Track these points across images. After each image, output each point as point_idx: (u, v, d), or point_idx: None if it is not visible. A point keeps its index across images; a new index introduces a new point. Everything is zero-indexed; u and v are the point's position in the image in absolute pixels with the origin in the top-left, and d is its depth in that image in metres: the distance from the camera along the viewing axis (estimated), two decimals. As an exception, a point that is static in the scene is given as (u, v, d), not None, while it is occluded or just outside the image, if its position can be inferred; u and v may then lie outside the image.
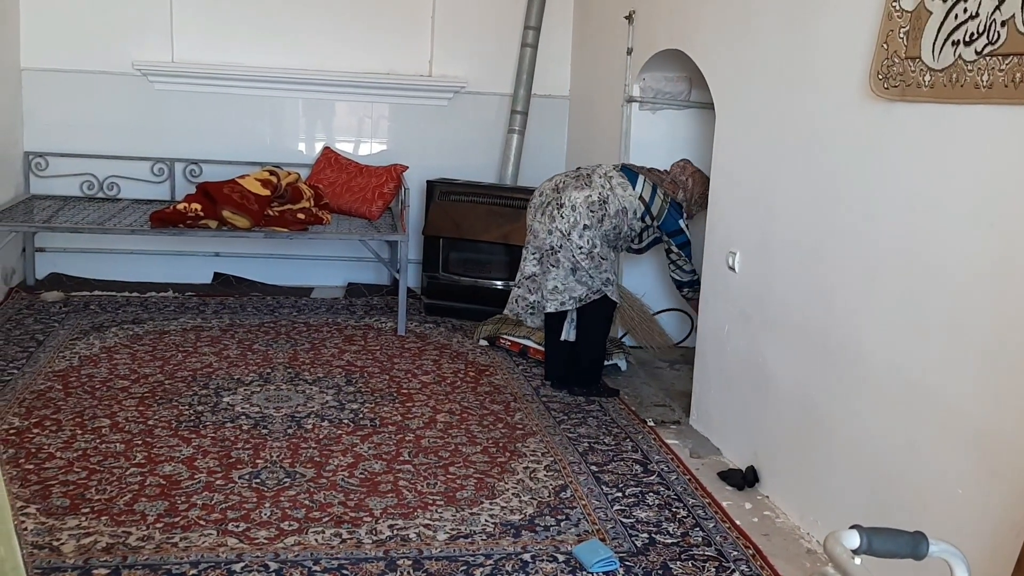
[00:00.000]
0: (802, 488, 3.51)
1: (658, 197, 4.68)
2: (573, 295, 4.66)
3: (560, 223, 4.58)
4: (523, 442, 4.12)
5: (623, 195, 4.62)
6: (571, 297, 4.66)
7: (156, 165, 6.44)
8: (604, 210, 4.58)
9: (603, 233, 4.60)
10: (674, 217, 4.71)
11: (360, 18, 6.51)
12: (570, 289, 4.65)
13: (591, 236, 4.57)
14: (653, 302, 5.59)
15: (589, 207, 4.57)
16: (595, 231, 4.58)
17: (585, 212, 4.56)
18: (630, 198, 4.63)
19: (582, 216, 4.56)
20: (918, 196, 2.80)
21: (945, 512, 2.66)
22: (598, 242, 4.59)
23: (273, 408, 4.34)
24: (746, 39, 3.95)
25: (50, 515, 3.22)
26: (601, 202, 4.58)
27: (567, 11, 6.73)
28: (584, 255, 4.57)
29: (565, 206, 4.58)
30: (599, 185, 4.63)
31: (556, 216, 4.60)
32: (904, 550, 1.39)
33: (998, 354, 2.47)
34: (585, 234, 4.56)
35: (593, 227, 4.57)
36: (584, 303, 4.68)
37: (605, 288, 4.66)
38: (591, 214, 4.56)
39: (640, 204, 4.64)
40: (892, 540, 1.39)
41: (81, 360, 4.85)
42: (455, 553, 3.14)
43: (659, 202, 4.68)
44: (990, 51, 2.46)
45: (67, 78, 6.23)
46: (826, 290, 3.30)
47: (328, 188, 6.27)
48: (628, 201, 4.62)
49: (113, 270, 6.46)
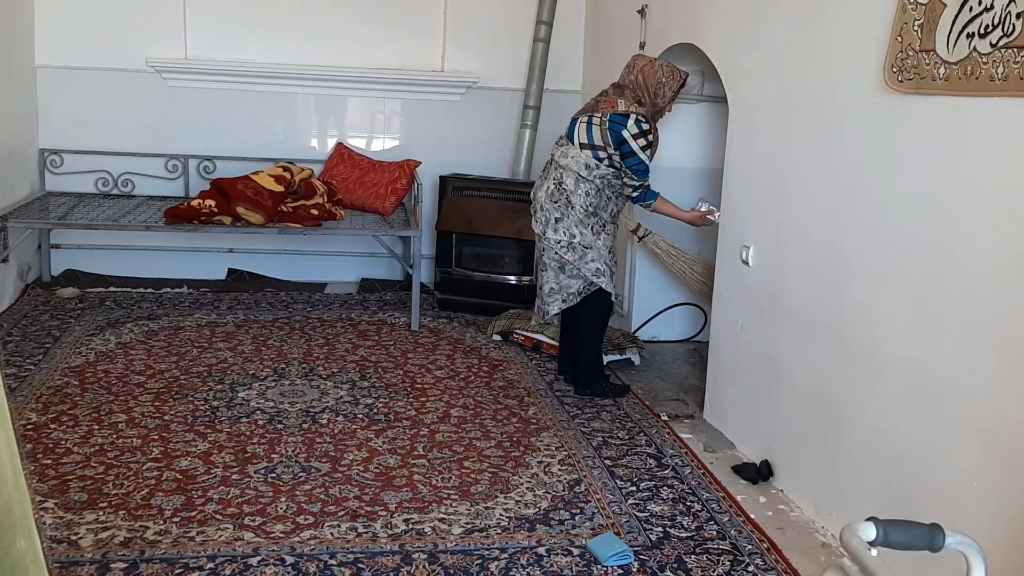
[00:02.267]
0: (817, 482, 3.51)
1: (595, 127, 4.38)
2: (570, 291, 4.59)
3: (537, 227, 4.58)
4: (537, 436, 4.13)
5: (568, 162, 4.42)
6: (569, 294, 4.59)
7: (170, 162, 6.47)
8: (564, 192, 4.43)
9: (579, 217, 4.44)
10: (617, 130, 4.32)
11: (372, 14, 6.52)
12: (565, 287, 4.58)
13: (566, 227, 4.46)
14: (663, 297, 5.59)
15: (551, 199, 4.48)
16: (569, 219, 4.45)
17: (551, 206, 4.48)
18: (575, 159, 4.40)
19: (550, 212, 4.49)
20: (933, 189, 2.79)
21: (960, 505, 2.66)
22: (576, 231, 4.45)
23: (288, 403, 4.36)
24: (759, 33, 3.94)
25: (68, 509, 3.24)
26: (558, 186, 4.46)
27: (579, 5, 6.72)
28: (565, 248, 4.48)
29: (537, 209, 4.57)
30: (551, 170, 4.51)
31: (533, 221, 4.61)
32: (920, 542, 1.39)
33: (1014, 347, 2.46)
34: (559, 227, 4.47)
35: (565, 216, 4.45)
36: (585, 294, 4.59)
37: (596, 279, 4.53)
38: (555, 204, 4.47)
39: (586, 153, 4.39)
40: (908, 532, 1.39)
41: (97, 356, 4.88)
42: (470, 547, 3.15)
43: (597, 131, 4.37)
44: (1005, 43, 2.45)
45: (81, 75, 6.26)
46: (841, 284, 3.30)
47: (341, 184, 6.29)
48: (575, 163, 4.40)
49: (128, 266, 6.49)
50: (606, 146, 4.36)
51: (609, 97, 4.44)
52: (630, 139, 4.32)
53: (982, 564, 1.38)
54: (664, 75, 4.38)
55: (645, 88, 4.39)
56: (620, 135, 4.32)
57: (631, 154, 4.34)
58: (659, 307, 5.61)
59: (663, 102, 4.43)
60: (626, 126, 4.31)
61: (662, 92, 4.40)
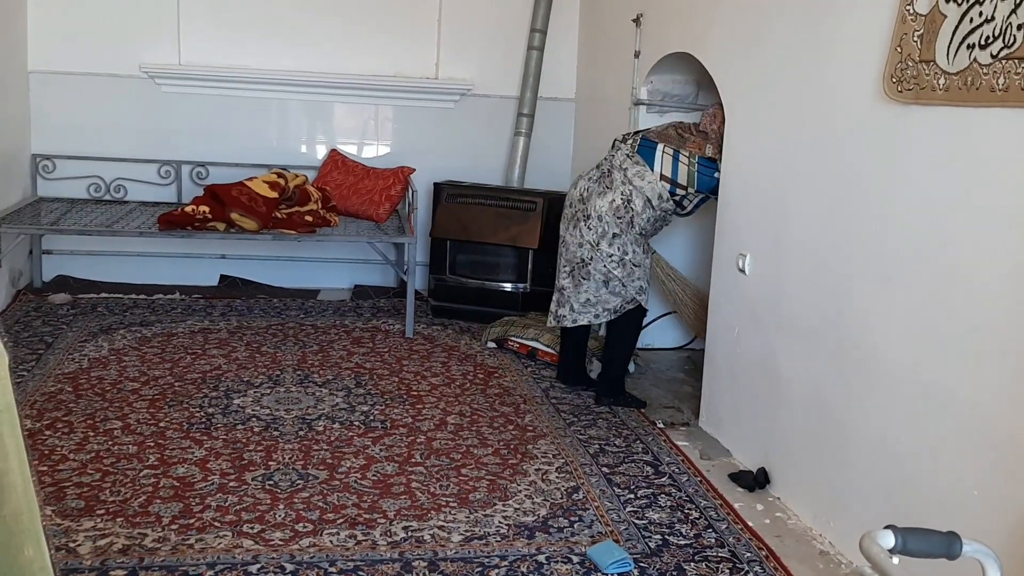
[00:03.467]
0: (815, 489, 3.52)
1: (682, 164, 4.44)
2: (607, 307, 4.58)
3: (589, 235, 4.50)
4: (534, 444, 4.13)
5: (644, 184, 4.43)
6: (604, 309, 4.59)
7: (163, 167, 6.45)
8: (631, 211, 4.45)
9: (635, 236, 4.50)
10: (707, 175, 4.41)
11: (367, 20, 6.53)
12: (603, 301, 4.58)
13: (622, 243, 4.47)
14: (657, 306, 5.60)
15: (615, 213, 4.45)
16: (626, 236, 4.47)
17: (612, 220, 4.45)
18: (651, 184, 4.43)
19: (610, 225, 4.46)
20: (934, 198, 2.81)
21: (961, 513, 2.67)
22: (629, 248, 4.49)
23: (284, 410, 4.35)
24: (758, 42, 3.96)
25: (65, 516, 3.23)
26: (625, 203, 4.44)
27: (573, 14, 6.74)
28: (616, 263, 4.48)
29: (592, 217, 4.49)
30: (619, 184, 4.47)
31: (584, 228, 4.52)
32: (938, 550, 1.40)
33: (1017, 355, 2.48)
34: (615, 242, 4.47)
35: (624, 233, 4.47)
36: (619, 314, 4.61)
37: (639, 297, 4.57)
38: (618, 220, 4.45)
39: (664, 184, 4.44)
40: (926, 540, 1.40)
41: (90, 362, 4.86)
42: (470, 554, 3.15)
43: (684, 169, 4.44)
44: (1006, 54, 2.47)
45: (74, 81, 6.24)
46: (840, 292, 3.31)
47: (335, 190, 6.28)
48: (650, 189, 4.43)
49: (119, 272, 6.46)
50: (688, 186, 4.45)
51: (696, 139, 4.51)
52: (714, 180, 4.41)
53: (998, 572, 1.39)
54: None
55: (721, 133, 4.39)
56: (712, 180, 4.40)
57: (711, 185, 4.43)
58: (653, 315, 5.61)
59: None
60: (717, 170, 4.37)
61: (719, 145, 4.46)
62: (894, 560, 1.34)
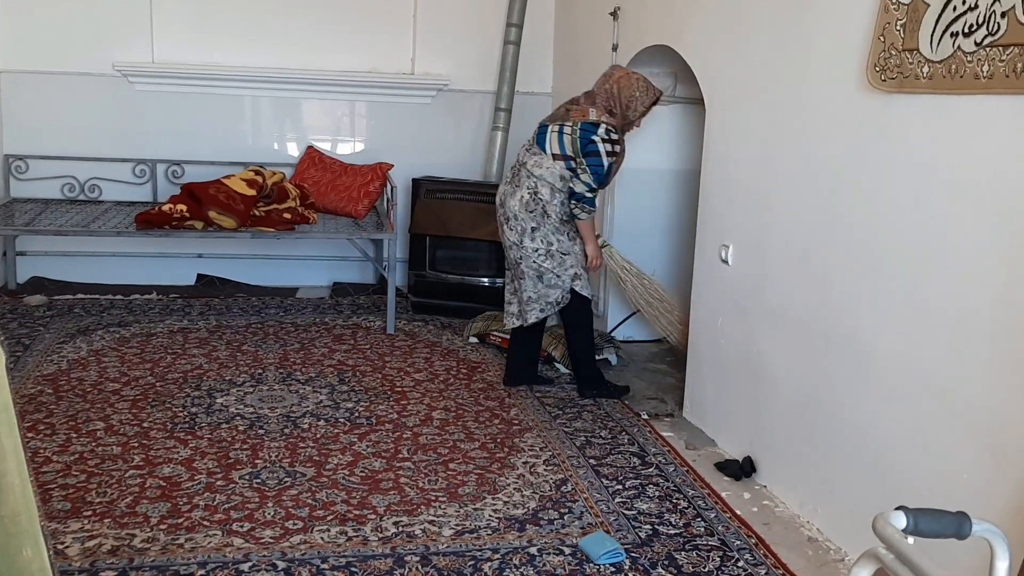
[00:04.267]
0: (801, 477, 3.55)
1: (566, 136, 4.37)
2: (548, 300, 4.54)
3: (512, 235, 4.50)
4: (520, 437, 4.13)
5: (543, 172, 4.39)
6: (547, 303, 4.55)
7: (138, 166, 6.40)
8: (540, 202, 4.41)
9: (554, 225, 4.44)
10: (586, 137, 4.33)
11: (342, 17, 6.50)
12: (543, 296, 4.53)
13: (543, 235, 4.44)
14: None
15: (526, 208, 4.43)
16: (544, 227, 4.43)
17: (526, 216, 4.44)
18: (549, 169, 4.38)
19: (526, 221, 4.44)
20: (919, 186, 2.83)
21: (949, 498, 2.69)
22: (552, 238, 4.45)
23: (268, 408, 4.33)
24: (738, 33, 3.98)
25: (52, 519, 3.19)
26: (533, 196, 4.41)
27: (549, 8, 6.75)
28: (543, 256, 4.46)
29: (511, 218, 4.49)
30: (524, 179, 4.45)
31: (507, 230, 4.53)
32: (949, 530, 1.42)
33: (1004, 341, 2.51)
34: (536, 235, 4.44)
35: (541, 225, 4.43)
36: (562, 304, 4.57)
37: (574, 284, 4.52)
38: (531, 214, 4.43)
39: (559, 164, 4.37)
40: (937, 520, 1.42)
41: (70, 364, 4.81)
42: (462, 548, 3.14)
43: (568, 139, 4.36)
44: (990, 42, 2.49)
45: (47, 80, 6.17)
46: (825, 281, 3.34)
47: (313, 187, 6.25)
48: (549, 174, 4.38)
49: (95, 273, 6.40)
50: (576, 155, 4.35)
51: (581, 106, 4.43)
52: (599, 142, 4.32)
53: (1007, 550, 1.41)
54: (639, 89, 4.37)
55: (618, 99, 4.37)
56: (589, 138, 4.31)
57: (595, 154, 4.32)
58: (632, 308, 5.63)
59: (633, 116, 4.42)
60: (596, 133, 4.32)
61: (634, 106, 4.38)
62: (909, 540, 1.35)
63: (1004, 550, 1.42)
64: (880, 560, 1.38)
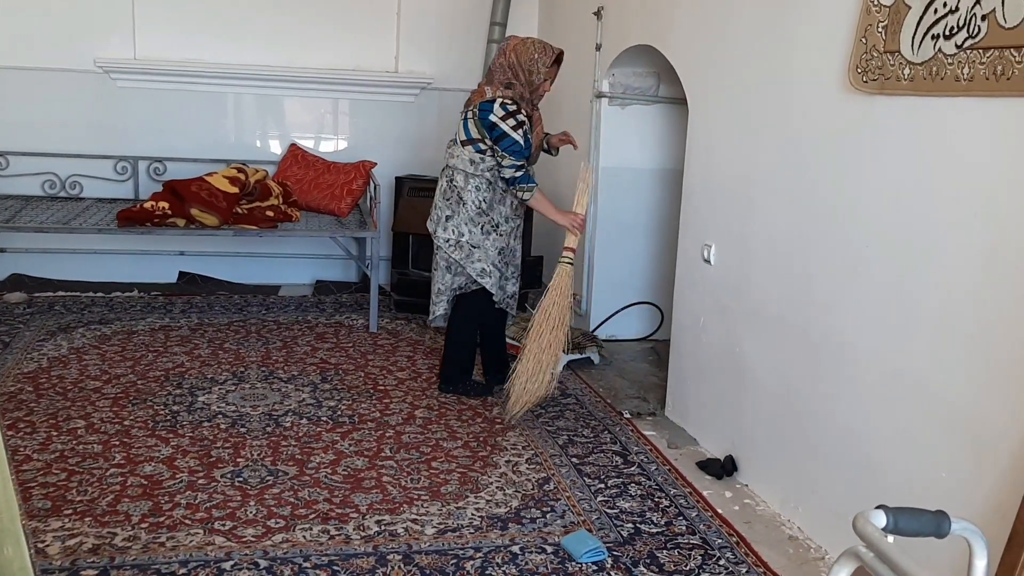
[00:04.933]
0: (782, 476, 3.56)
1: (469, 121, 4.34)
2: (453, 287, 4.52)
3: (430, 225, 4.49)
4: (503, 436, 4.14)
5: (456, 161, 4.36)
6: (450, 290, 4.52)
7: (119, 163, 6.37)
8: (455, 189, 4.37)
9: (469, 215, 4.36)
10: (485, 117, 4.27)
11: (326, 14, 6.49)
12: (449, 285, 4.52)
13: (455, 224, 4.38)
14: (620, 296, 5.63)
15: (443, 196, 4.43)
16: (459, 216, 4.37)
17: (443, 204, 4.42)
18: (460, 157, 4.35)
19: (442, 209, 4.42)
20: (900, 187, 2.86)
21: (929, 497, 2.71)
22: (465, 229, 4.38)
23: (250, 407, 4.31)
24: (721, 34, 3.99)
25: (32, 517, 3.17)
26: (449, 183, 4.40)
27: (533, 7, 6.76)
28: (452, 246, 4.40)
29: (432, 209, 4.51)
30: (444, 170, 4.46)
31: (429, 222, 4.52)
32: (927, 528, 1.43)
33: (984, 340, 2.53)
34: (449, 225, 4.40)
35: (456, 214, 4.38)
36: (463, 291, 4.52)
37: (480, 279, 4.44)
38: (447, 202, 4.40)
39: (469, 149, 4.33)
40: (916, 519, 1.43)
41: (50, 361, 4.79)
42: (444, 547, 3.15)
43: (472, 123, 4.33)
44: (971, 44, 2.52)
45: (28, 76, 6.13)
46: (807, 281, 3.36)
47: (296, 185, 6.24)
48: (461, 161, 4.34)
49: (76, 270, 6.37)
50: (483, 137, 4.29)
51: (480, 88, 4.41)
52: (499, 121, 4.24)
53: (985, 548, 1.43)
54: (536, 51, 4.31)
55: (519, 67, 4.31)
56: (489, 120, 4.25)
57: (503, 135, 4.24)
58: (616, 306, 5.64)
59: (538, 79, 4.34)
60: (492, 111, 4.25)
61: (536, 69, 4.30)
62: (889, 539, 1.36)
63: (982, 548, 1.43)
64: (860, 558, 1.39)
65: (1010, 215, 2.43)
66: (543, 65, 4.32)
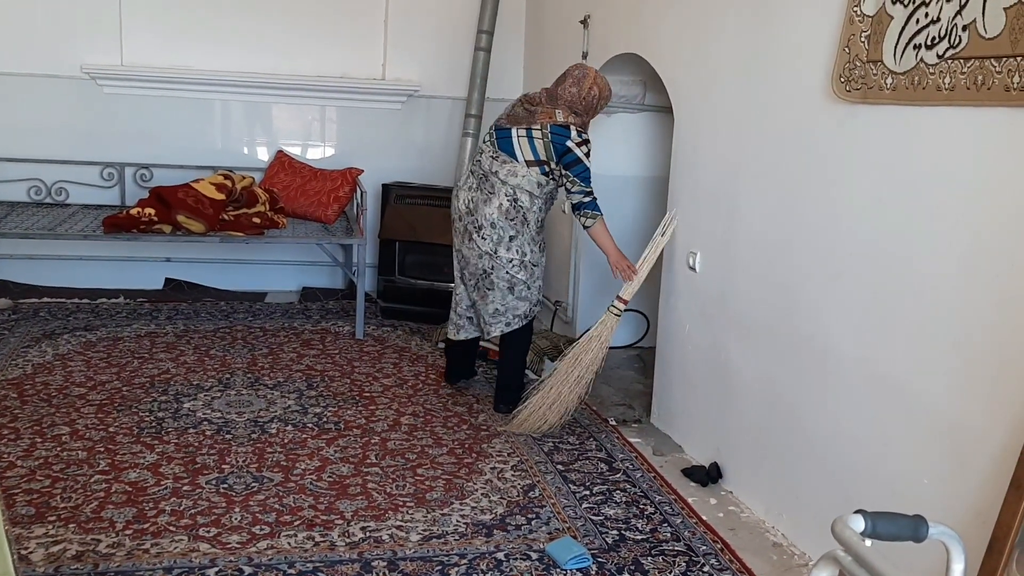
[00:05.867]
0: (766, 483, 3.58)
1: (537, 140, 4.24)
2: (516, 313, 4.44)
3: (485, 245, 4.33)
4: (488, 443, 4.14)
5: (520, 181, 4.26)
6: (515, 316, 4.45)
7: (106, 170, 6.35)
8: (521, 209, 4.29)
9: (531, 234, 4.35)
10: (561, 142, 4.22)
11: (313, 21, 6.49)
12: (512, 308, 4.43)
13: (519, 245, 4.32)
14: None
15: (506, 216, 4.29)
16: (523, 236, 4.32)
17: (506, 224, 4.29)
18: (525, 177, 4.25)
19: (505, 229, 4.29)
20: (882, 195, 2.88)
21: (912, 502, 2.73)
22: (527, 249, 4.34)
23: (235, 413, 4.31)
24: (707, 43, 4.01)
25: (16, 524, 3.17)
26: (513, 203, 4.28)
27: (519, 15, 6.78)
28: (517, 267, 4.34)
29: (484, 226, 4.31)
30: (499, 187, 4.29)
31: (479, 239, 4.34)
32: (905, 532, 1.45)
33: (965, 347, 2.55)
34: (512, 245, 4.32)
35: (520, 233, 4.31)
36: (528, 319, 4.50)
37: (539, 298, 4.52)
38: (511, 222, 4.29)
39: (535, 170, 4.26)
40: (894, 523, 1.44)
41: (35, 368, 4.77)
42: (429, 553, 3.15)
43: (541, 144, 4.24)
44: (952, 55, 2.54)
45: (13, 81, 6.11)
46: (791, 288, 3.38)
47: (282, 192, 6.24)
48: (527, 182, 4.26)
49: (61, 276, 6.34)
50: (549, 160, 4.24)
51: (544, 108, 4.29)
52: (575, 147, 4.20)
53: (962, 553, 1.44)
54: (609, 91, 4.38)
55: (597, 99, 4.32)
56: (564, 145, 4.20)
57: (577, 161, 4.21)
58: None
59: (593, 116, 4.40)
60: (569, 136, 4.20)
61: (602, 106, 4.39)
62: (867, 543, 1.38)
63: (960, 553, 1.45)
64: (839, 563, 1.40)
65: (990, 222, 2.45)
66: (606, 103, 4.41)
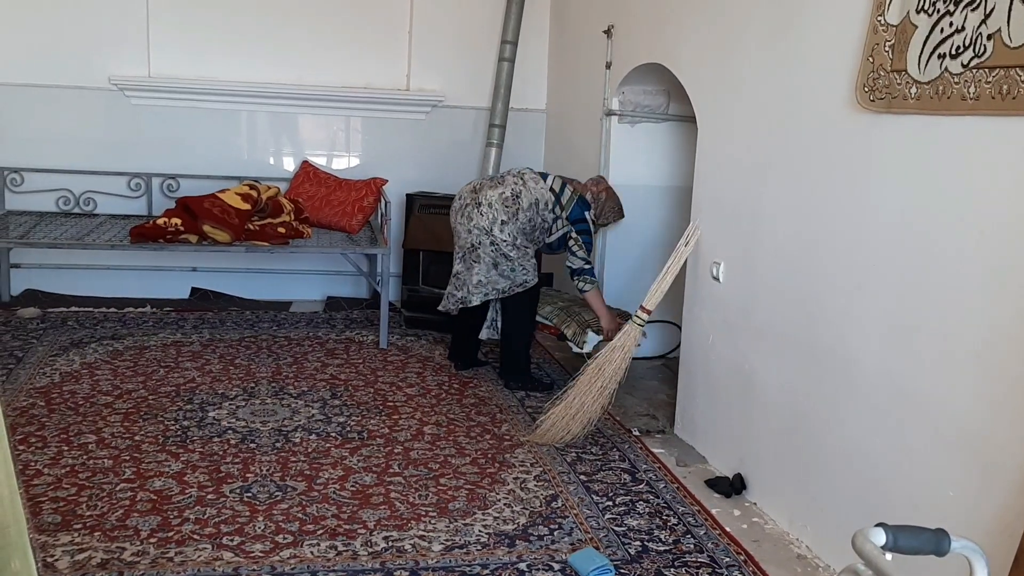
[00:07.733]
0: (790, 494, 3.56)
1: (567, 190, 4.93)
2: (496, 287, 4.89)
3: (480, 220, 4.81)
4: (511, 453, 4.14)
5: (535, 188, 4.86)
6: (494, 289, 4.89)
7: (133, 180, 6.42)
8: (518, 204, 4.80)
9: (519, 227, 4.81)
10: (580, 208, 4.90)
11: (337, 32, 6.54)
12: (493, 282, 4.88)
13: (511, 230, 4.80)
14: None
15: (503, 202, 4.80)
16: (513, 225, 4.80)
17: (500, 207, 4.79)
18: (541, 189, 4.86)
19: (499, 212, 4.79)
20: (907, 205, 2.86)
21: (936, 515, 2.71)
22: (518, 235, 4.82)
23: (260, 422, 4.33)
24: (729, 53, 4.01)
25: (42, 532, 3.19)
26: (514, 197, 4.81)
27: (543, 25, 6.80)
28: (510, 246, 4.81)
29: (482, 204, 4.81)
30: (511, 183, 4.88)
31: (474, 215, 4.82)
32: (928, 546, 1.43)
33: (989, 357, 2.53)
34: (506, 228, 4.80)
35: (510, 221, 4.79)
36: (507, 295, 4.92)
37: (529, 280, 4.90)
38: (506, 208, 4.79)
39: (551, 195, 4.87)
40: (916, 537, 1.43)
41: (62, 376, 4.82)
42: (452, 563, 3.15)
43: (568, 194, 4.92)
44: (977, 64, 2.52)
45: (42, 93, 6.19)
46: (813, 298, 3.36)
47: (307, 202, 6.27)
48: (539, 193, 4.85)
49: (89, 286, 6.41)
50: (564, 210, 4.87)
51: (582, 183, 5.06)
52: (588, 219, 4.92)
53: (985, 567, 1.42)
54: (618, 204, 5.09)
55: (601, 202, 5.01)
56: (583, 214, 4.90)
57: (587, 230, 4.89)
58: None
59: (602, 220, 5.08)
60: (589, 210, 4.94)
61: (603, 218, 5.07)
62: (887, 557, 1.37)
63: (982, 567, 1.43)
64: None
65: (1016, 233, 2.43)
66: (606, 221, 5.13)
